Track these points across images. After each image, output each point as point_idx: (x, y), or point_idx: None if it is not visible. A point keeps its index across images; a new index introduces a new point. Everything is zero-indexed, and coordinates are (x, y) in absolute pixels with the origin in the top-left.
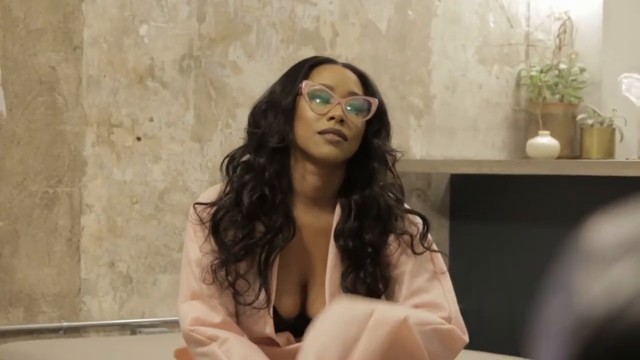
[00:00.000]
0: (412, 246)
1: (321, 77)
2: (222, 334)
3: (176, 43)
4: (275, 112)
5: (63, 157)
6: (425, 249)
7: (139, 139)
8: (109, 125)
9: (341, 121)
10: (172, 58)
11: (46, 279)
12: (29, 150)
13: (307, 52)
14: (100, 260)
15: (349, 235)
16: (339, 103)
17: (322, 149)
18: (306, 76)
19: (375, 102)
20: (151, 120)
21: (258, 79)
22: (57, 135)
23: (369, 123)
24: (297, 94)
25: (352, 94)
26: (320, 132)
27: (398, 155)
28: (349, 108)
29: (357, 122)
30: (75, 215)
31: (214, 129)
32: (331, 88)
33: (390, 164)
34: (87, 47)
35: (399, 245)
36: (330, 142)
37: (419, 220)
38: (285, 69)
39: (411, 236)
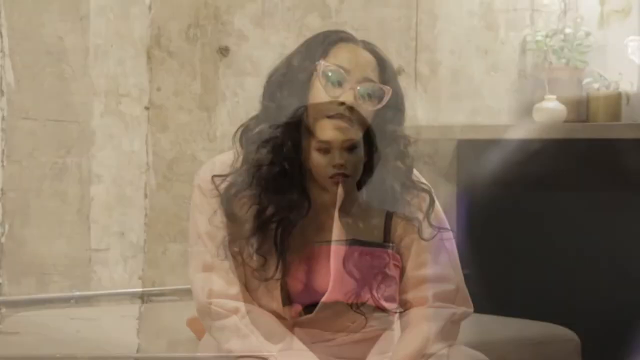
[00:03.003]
0: (419, 231)
1: (339, 58)
2: (242, 306)
3: (182, 12)
4: (291, 87)
5: (72, 128)
6: (431, 235)
7: (146, 108)
8: (116, 95)
9: (351, 108)
10: (178, 27)
11: (57, 249)
12: (38, 122)
13: (313, 20)
14: (110, 229)
15: (356, 215)
16: (352, 88)
17: (327, 133)
18: (325, 53)
19: (389, 91)
20: (158, 89)
21: (264, 47)
22: (66, 106)
23: (381, 109)
24: (313, 70)
25: (367, 79)
26: (329, 117)
27: (410, 140)
28: (362, 94)
29: (368, 108)
30: (84, 185)
31: (221, 98)
32: (347, 71)
33: (403, 148)
34: (94, 17)
35: (406, 223)
36: (336, 128)
37: (424, 194)
38: (291, 36)
39: (419, 221)
